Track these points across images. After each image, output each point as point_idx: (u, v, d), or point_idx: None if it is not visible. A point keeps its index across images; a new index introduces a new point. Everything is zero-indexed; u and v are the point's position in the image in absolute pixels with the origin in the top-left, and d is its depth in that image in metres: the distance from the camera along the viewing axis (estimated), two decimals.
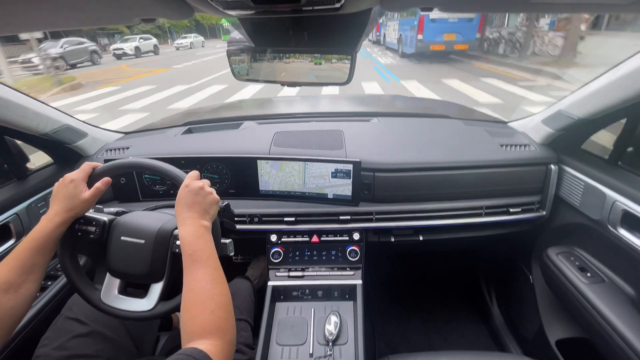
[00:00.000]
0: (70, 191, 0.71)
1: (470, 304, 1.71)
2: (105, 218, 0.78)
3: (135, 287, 0.81)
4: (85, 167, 0.75)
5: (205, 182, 0.74)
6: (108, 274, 0.78)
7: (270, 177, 1.11)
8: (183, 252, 0.64)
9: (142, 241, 0.75)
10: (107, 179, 0.76)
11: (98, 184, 0.74)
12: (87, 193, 0.72)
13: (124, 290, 0.79)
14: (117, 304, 0.75)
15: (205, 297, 0.59)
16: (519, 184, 1.16)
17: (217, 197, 0.75)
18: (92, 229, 0.76)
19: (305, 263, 1.12)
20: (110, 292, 0.77)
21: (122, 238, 0.75)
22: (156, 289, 0.76)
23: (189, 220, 0.68)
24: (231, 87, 7.79)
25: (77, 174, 0.73)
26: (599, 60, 7.74)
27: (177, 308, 0.66)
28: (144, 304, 0.75)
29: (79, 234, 0.76)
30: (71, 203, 0.70)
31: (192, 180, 0.73)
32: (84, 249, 1.23)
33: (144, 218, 0.81)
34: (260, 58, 0.83)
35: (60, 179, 0.73)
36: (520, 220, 1.18)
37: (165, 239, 0.76)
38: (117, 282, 0.78)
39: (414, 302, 1.72)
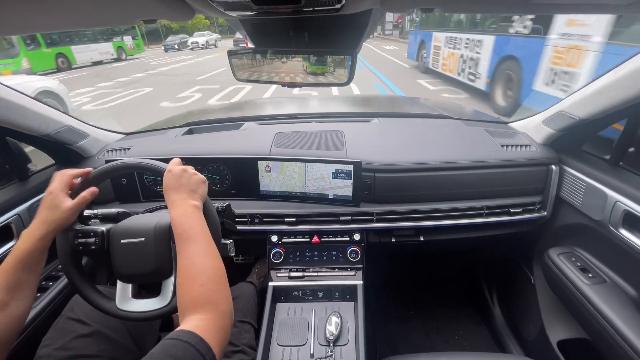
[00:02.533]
0: (48, 203, 0.68)
1: (471, 304, 1.71)
2: (102, 228, 0.78)
3: (148, 288, 0.81)
4: (62, 177, 0.72)
5: (188, 167, 0.74)
6: (119, 282, 0.78)
7: (270, 179, 1.11)
8: (175, 233, 0.64)
9: (142, 239, 0.75)
10: (94, 189, 0.74)
11: (85, 194, 0.72)
12: (69, 203, 0.69)
13: (138, 294, 0.79)
14: (133, 308, 0.76)
15: (196, 271, 0.58)
16: (520, 184, 1.16)
17: (203, 177, 0.75)
18: (92, 240, 0.76)
19: (306, 263, 1.12)
20: (125, 298, 0.77)
21: (122, 241, 0.76)
22: (168, 284, 0.76)
23: (178, 202, 0.68)
24: None
25: (55, 186, 0.70)
26: None
27: None
28: (160, 302, 0.75)
29: (81, 248, 0.76)
30: (52, 215, 0.68)
31: (174, 166, 0.73)
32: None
33: (140, 219, 0.81)
34: (260, 59, 0.83)
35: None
36: (521, 220, 1.18)
37: (164, 232, 0.76)
38: (129, 287, 0.78)
39: (415, 302, 1.72)
